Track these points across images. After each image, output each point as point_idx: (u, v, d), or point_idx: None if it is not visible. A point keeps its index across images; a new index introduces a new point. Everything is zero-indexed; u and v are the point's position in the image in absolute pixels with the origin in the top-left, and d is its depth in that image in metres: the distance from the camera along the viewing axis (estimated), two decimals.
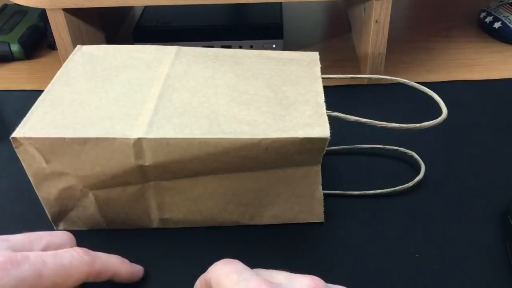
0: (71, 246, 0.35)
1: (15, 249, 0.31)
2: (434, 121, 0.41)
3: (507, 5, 0.70)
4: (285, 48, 0.65)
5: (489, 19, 0.69)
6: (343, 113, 0.42)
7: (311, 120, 0.38)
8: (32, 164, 0.38)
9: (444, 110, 0.42)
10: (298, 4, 0.80)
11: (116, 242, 0.41)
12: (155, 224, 0.42)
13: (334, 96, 0.44)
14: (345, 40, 0.70)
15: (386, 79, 0.46)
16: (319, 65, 0.45)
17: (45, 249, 0.33)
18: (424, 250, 0.40)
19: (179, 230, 0.42)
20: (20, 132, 0.37)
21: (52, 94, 0.41)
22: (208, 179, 0.39)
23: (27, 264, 0.29)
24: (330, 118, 0.39)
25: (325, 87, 0.42)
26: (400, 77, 0.46)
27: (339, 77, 0.46)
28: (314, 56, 0.46)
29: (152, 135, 0.36)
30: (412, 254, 0.40)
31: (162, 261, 0.40)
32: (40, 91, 0.41)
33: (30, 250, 0.32)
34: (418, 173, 0.46)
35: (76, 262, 0.32)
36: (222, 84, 0.42)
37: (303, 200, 0.41)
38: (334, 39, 0.71)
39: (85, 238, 0.42)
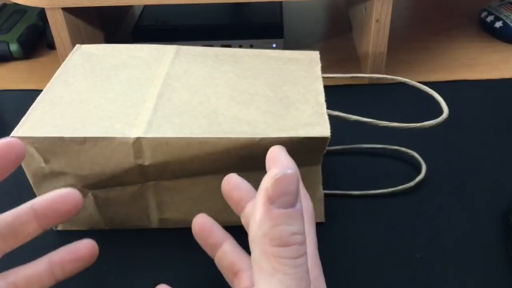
0: None
1: None
2: (435, 120, 0.41)
3: (508, 4, 0.69)
4: (286, 47, 0.65)
5: (490, 18, 0.69)
6: (343, 112, 0.42)
7: (311, 120, 0.38)
8: (31, 163, 0.38)
9: (445, 109, 0.42)
10: (298, 3, 0.80)
11: (115, 242, 0.41)
12: (154, 224, 0.42)
13: (335, 96, 0.44)
14: (346, 39, 0.70)
15: (387, 79, 0.46)
16: (320, 65, 0.44)
17: None
18: (425, 250, 0.40)
19: (178, 230, 0.42)
20: (19, 131, 0.37)
21: (51, 93, 0.41)
22: (208, 179, 0.39)
23: None
24: (331, 117, 0.39)
25: (325, 87, 0.41)
26: (401, 77, 0.46)
27: (340, 77, 0.46)
28: (315, 55, 0.46)
29: (151, 135, 0.36)
30: (413, 254, 0.39)
31: (162, 261, 0.40)
32: (39, 91, 0.41)
33: None
34: (419, 173, 0.46)
35: None
36: (221, 83, 0.42)
37: None
38: (334, 38, 0.71)
39: (84, 238, 0.42)
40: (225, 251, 0.34)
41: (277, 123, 0.37)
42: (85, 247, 0.34)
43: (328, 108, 0.39)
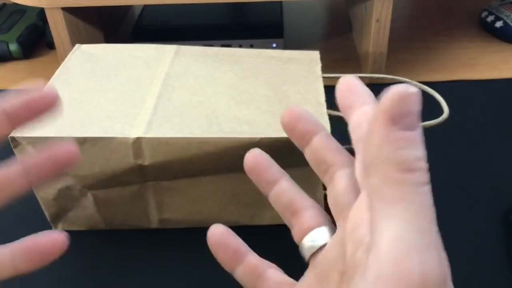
0: None
1: None
2: (435, 120, 0.41)
3: (509, 4, 0.69)
4: (286, 47, 0.65)
5: (490, 18, 0.69)
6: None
7: None
8: None
9: (446, 109, 0.42)
10: (298, 3, 0.80)
11: (115, 243, 0.41)
12: (154, 225, 0.42)
13: (335, 96, 0.44)
14: (346, 39, 0.70)
15: (387, 79, 0.46)
16: (320, 64, 0.44)
17: None
18: None
19: (178, 230, 0.42)
20: (18, 131, 0.37)
21: None
22: (208, 179, 0.39)
23: None
24: (331, 117, 0.39)
25: (325, 86, 0.41)
26: (402, 77, 0.46)
27: (340, 77, 0.46)
28: (315, 55, 0.46)
29: (151, 134, 0.36)
30: None
31: (162, 261, 0.40)
32: None
33: None
34: None
35: None
36: (221, 83, 0.42)
37: None
38: (335, 38, 0.71)
39: (84, 238, 0.42)
40: (283, 188, 0.30)
41: (277, 123, 0.37)
42: (65, 151, 0.28)
43: (328, 108, 0.39)
